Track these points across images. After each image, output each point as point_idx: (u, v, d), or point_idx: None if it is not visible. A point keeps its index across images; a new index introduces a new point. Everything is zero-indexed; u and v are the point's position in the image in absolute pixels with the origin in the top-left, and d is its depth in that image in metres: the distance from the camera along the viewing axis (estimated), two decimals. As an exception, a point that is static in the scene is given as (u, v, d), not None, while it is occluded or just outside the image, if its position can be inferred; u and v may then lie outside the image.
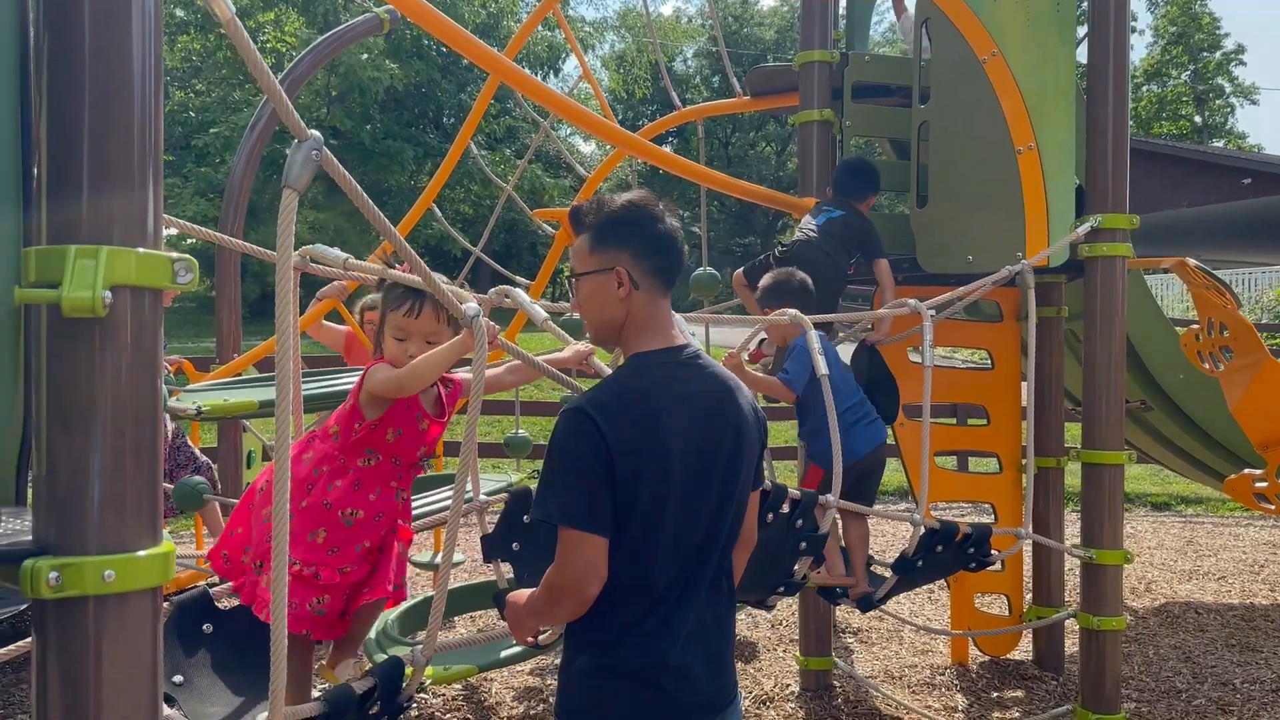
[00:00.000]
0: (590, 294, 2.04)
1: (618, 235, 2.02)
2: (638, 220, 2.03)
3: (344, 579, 2.29)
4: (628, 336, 2.04)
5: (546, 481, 1.91)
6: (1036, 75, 4.10)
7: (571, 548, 1.85)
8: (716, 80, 39.47)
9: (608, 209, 2.04)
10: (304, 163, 1.64)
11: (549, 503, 1.88)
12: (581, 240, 2.07)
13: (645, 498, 1.88)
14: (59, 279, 1.30)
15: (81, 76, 1.34)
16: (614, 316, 2.02)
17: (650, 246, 2.03)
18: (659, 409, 1.91)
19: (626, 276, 2.00)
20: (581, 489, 1.85)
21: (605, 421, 1.87)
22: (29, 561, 1.31)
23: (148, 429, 1.40)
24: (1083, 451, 4.09)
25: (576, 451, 1.87)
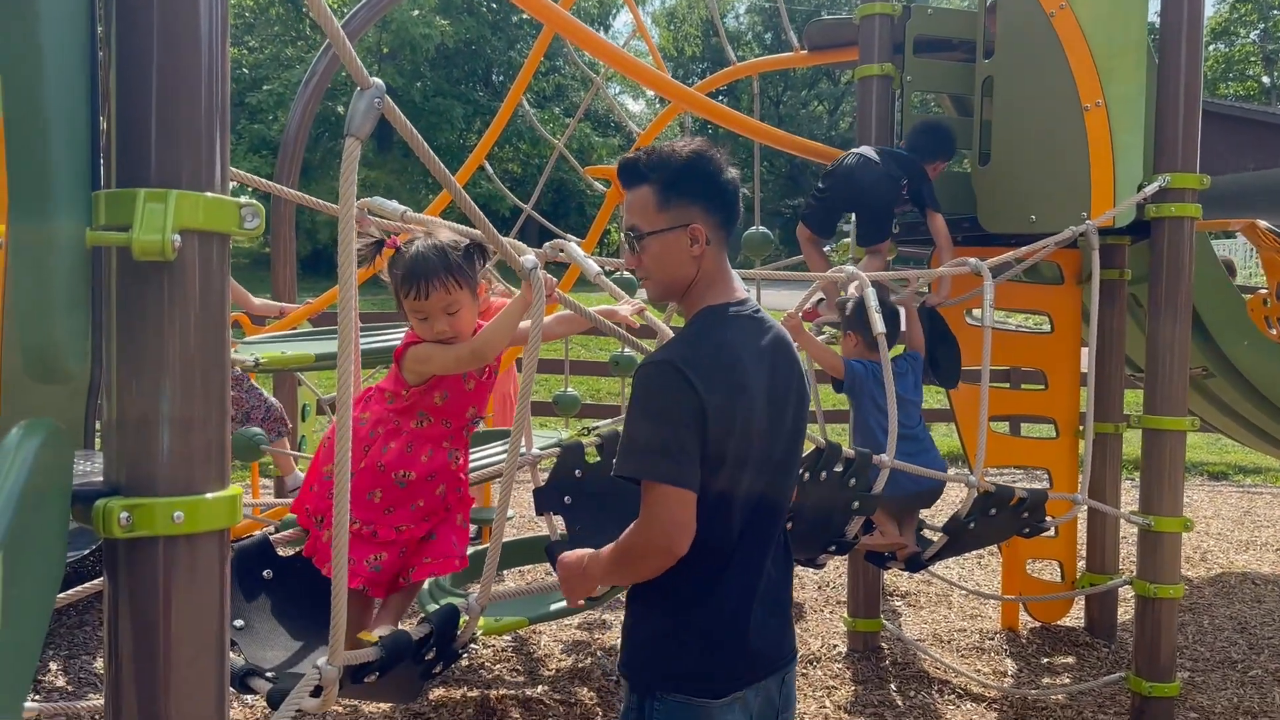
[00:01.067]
0: (661, 253, 1.94)
1: (689, 189, 1.92)
2: (707, 172, 1.94)
3: (400, 536, 2.31)
4: (695, 292, 1.97)
5: (632, 437, 1.84)
6: (1106, 29, 3.97)
7: (662, 504, 1.79)
8: (769, 37, 38.92)
9: (674, 161, 1.93)
10: (366, 111, 1.63)
11: (637, 459, 1.82)
12: (645, 194, 1.95)
13: (730, 454, 1.84)
14: (129, 222, 1.30)
15: (150, 24, 1.34)
16: (685, 275, 1.95)
17: (718, 200, 1.95)
18: (743, 364, 1.87)
19: (702, 234, 1.93)
20: (673, 444, 1.79)
21: (697, 377, 1.80)
22: (101, 501, 1.32)
23: (215, 373, 1.41)
24: (1145, 417, 4.01)
25: (669, 406, 1.81)
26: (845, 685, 4.30)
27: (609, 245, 12.05)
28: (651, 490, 1.80)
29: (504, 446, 4.82)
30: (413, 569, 2.37)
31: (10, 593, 1.08)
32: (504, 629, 3.88)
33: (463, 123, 26.35)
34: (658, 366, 1.84)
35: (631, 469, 1.82)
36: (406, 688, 2.52)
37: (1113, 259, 4.71)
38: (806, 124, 37.61)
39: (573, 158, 6.65)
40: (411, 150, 1.82)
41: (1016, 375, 8.40)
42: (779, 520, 1.96)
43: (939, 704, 4.16)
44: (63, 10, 1.30)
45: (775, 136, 4.59)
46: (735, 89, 28.17)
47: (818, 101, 38.86)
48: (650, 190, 1.93)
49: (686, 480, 1.79)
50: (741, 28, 40.11)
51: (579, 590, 2.05)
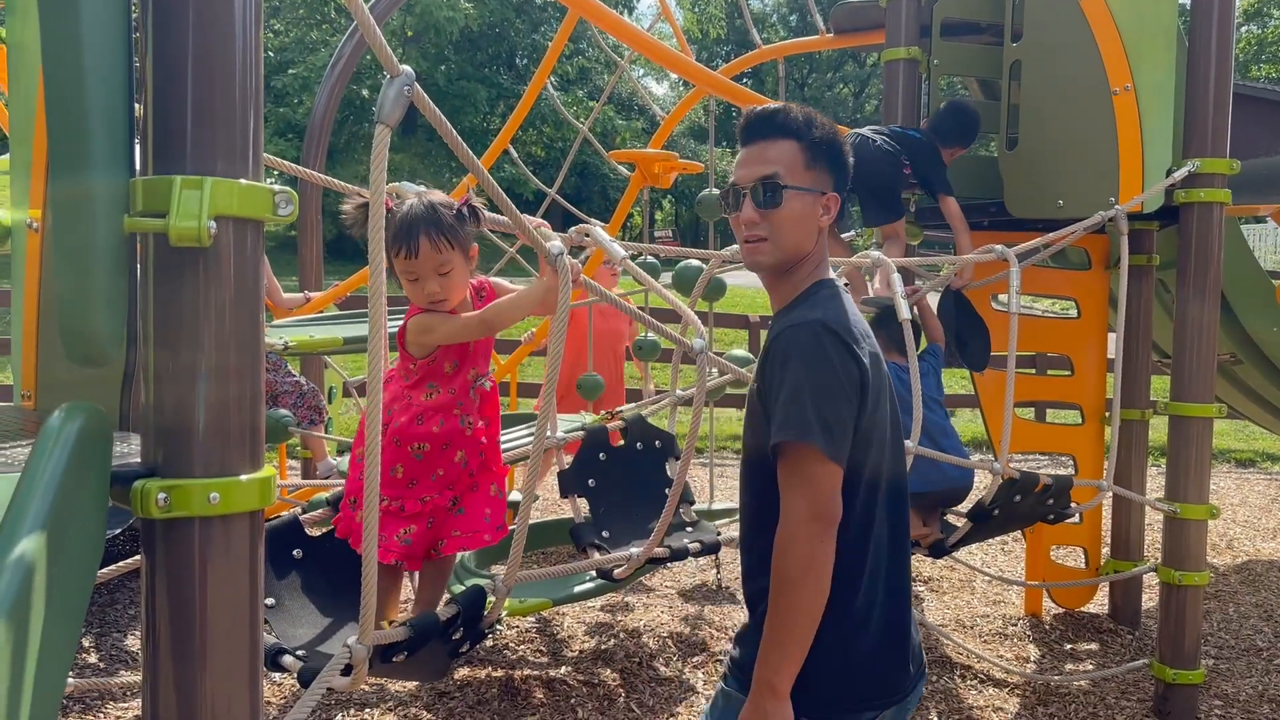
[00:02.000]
0: (800, 212, 1.83)
1: (832, 159, 1.86)
2: (844, 149, 1.89)
3: (426, 507, 2.33)
4: (807, 268, 1.88)
5: (799, 402, 1.67)
6: (1135, 12, 3.93)
7: (811, 473, 1.66)
8: (794, 19, 38.67)
9: (826, 127, 1.87)
10: (396, 98, 1.65)
11: (808, 424, 1.65)
12: (791, 149, 1.84)
13: (878, 428, 1.77)
14: (165, 209, 1.33)
15: (185, 12, 1.36)
16: (807, 244, 1.86)
17: (845, 179, 1.91)
18: (872, 335, 1.83)
19: (835, 205, 1.87)
20: (839, 414, 1.67)
21: (856, 346, 1.72)
22: (139, 482, 1.35)
23: (250, 356, 1.43)
24: (1171, 404, 3.99)
25: (832, 370, 1.68)
26: (867, 669, 4.31)
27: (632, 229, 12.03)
28: (815, 460, 1.65)
29: (528, 430, 4.86)
30: (443, 541, 2.39)
31: (53, 570, 1.11)
32: (528, 610, 3.92)
33: (486, 106, 26.38)
34: (821, 329, 1.71)
35: (798, 433, 1.65)
36: (435, 666, 2.56)
37: (1141, 244, 4.67)
38: (832, 107, 37.40)
39: (597, 141, 6.65)
40: (435, 134, 1.83)
41: (1042, 360, 8.37)
42: (907, 505, 1.88)
43: (961, 689, 4.16)
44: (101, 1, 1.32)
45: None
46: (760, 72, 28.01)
47: (843, 84, 38.62)
48: (798, 147, 1.85)
49: (841, 458, 1.68)
50: (766, 10, 39.87)
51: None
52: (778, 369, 1.73)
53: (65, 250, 1.29)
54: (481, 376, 2.44)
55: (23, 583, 1.01)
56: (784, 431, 1.67)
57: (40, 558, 1.06)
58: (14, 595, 1.00)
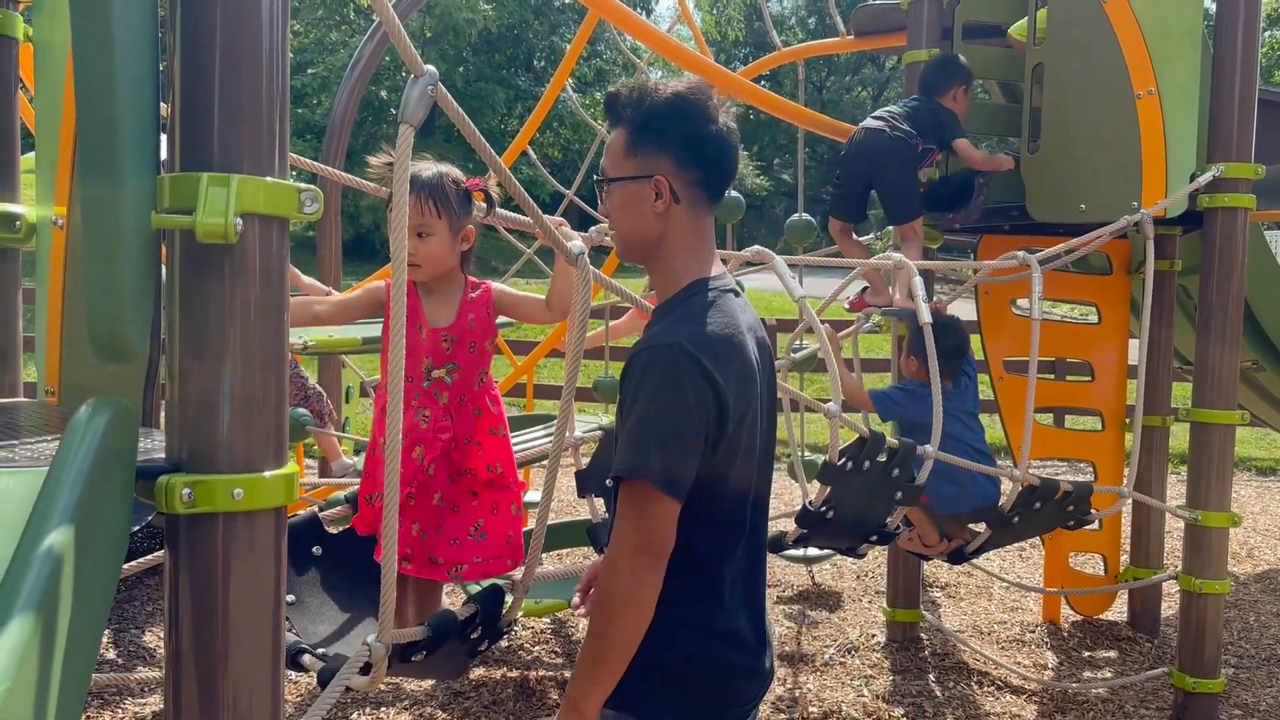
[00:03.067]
0: (623, 203, 1.75)
1: (659, 135, 1.71)
2: (685, 117, 1.71)
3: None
4: (672, 258, 1.76)
5: (640, 435, 1.61)
6: (1160, 15, 3.90)
7: (646, 509, 1.61)
8: (813, 22, 38.61)
9: (650, 101, 1.72)
10: (420, 98, 1.65)
11: (646, 459, 1.59)
12: (617, 136, 1.75)
13: (743, 446, 1.70)
14: (192, 205, 1.33)
15: (213, 10, 1.36)
16: (649, 234, 1.75)
17: (697, 152, 1.72)
18: (747, 346, 1.71)
19: (667, 188, 1.71)
20: (683, 447, 1.61)
21: (713, 364, 1.62)
22: (164, 478, 1.36)
23: (274, 354, 1.44)
24: (1193, 410, 3.95)
25: (682, 401, 1.60)
26: (884, 675, 4.29)
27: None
28: (649, 495, 1.61)
29: (545, 430, 4.86)
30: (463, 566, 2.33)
31: (81, 563, 1.11)
32: (544, 611, 3.92)
33: (504, 107, 26.44)
34: (669, 350, 1.62)
35: (632, 469, 1.61)
36: (453, 665, 2.57)
37: (1163, 250, 4.64)
38: (850, 109, 37.28)
39: (616, 143, 6.65)
40: (454, 135, 1.83)
41: (1061, 366, 8.32)
42: (768, 513, 1.86)
43: (978, 695, 4.14)
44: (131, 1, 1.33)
45: (819, 122, 4.58)
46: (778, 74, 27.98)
47: (861, 87, 38.53)
48: (621, 133, 1.75)
49: (683, 493, 1.62)
50: (785, 12, 39.82)
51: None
52: (631, 390, 1.67)
53: (94, 246, 1.30)
54: (438, 368, 2.37)
55: (51, 575, 1.02)
56: (623, 466, 1.63)
57: (68, 551, 1.06)
58: (43, 588, 1.00)
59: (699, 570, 1.71)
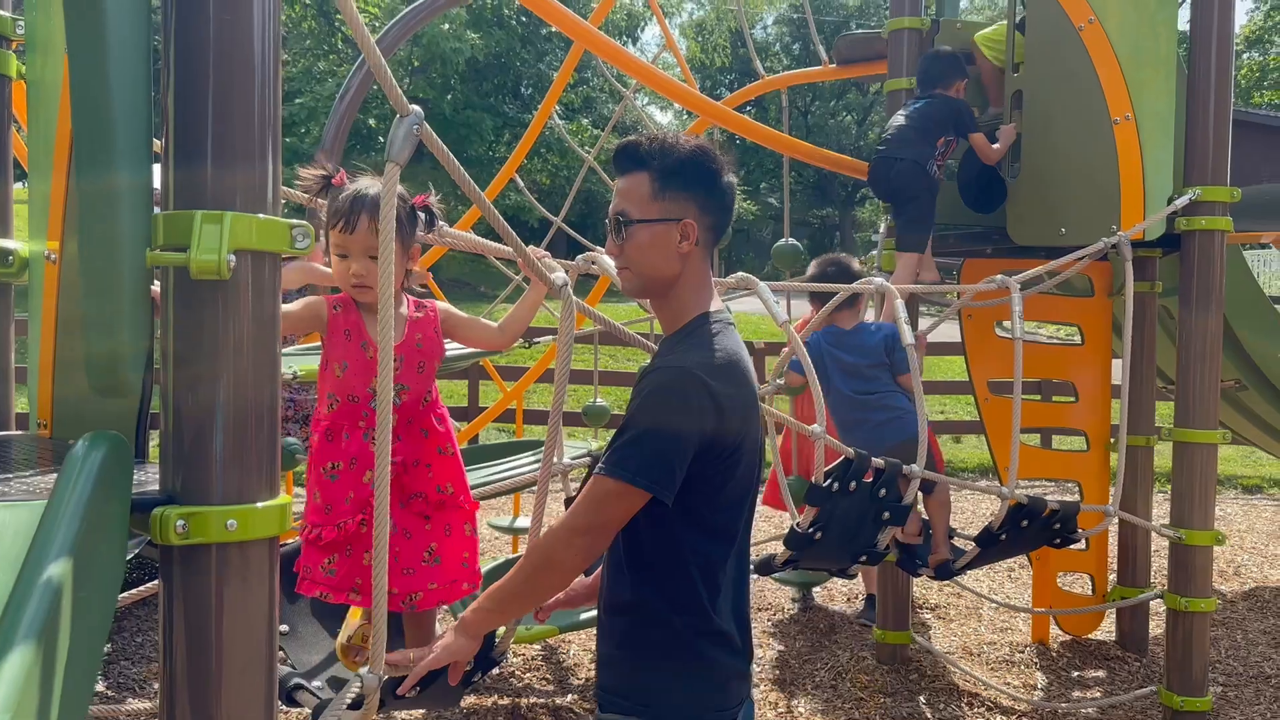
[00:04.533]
0: (649, 243, 1.87)
1: (687, 182, 1.87)
2: (708, 170, 1.89)
3: (342, 534, 2.20)
4: (683, 295, 1.91)
5: (632, 439, 1.77)
6: (1135, 43, 3.98)
7: (615, 503, 1.76)
8: (797, 48, 38.95)
9: (677, 151, 1.88)
10: (405, 137, 1.69)
11: (629, 461, 1.75)
12: (642, 180, 1.88)
13: (744, 464, 1.84)
14: (186, 243, 1.36)
15: (206, 50, 1.40)
16: (669, 272, 1.88)
17: (716, 200, 1.91)
18: (751, 374, 1.88)
19: (694, 230, 1.87)
20: (672, 456, 1.74)
21: (719, 385, 1.77)
22: (158, 510, 1.38)
23: (267, 386, 1.46)
24: (1176, 430, 4.00)
25: (681, 417, 1.75)
26: (874, 697, 4.30)
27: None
28: (617, 487, 1.75)
29: (535, 456, 4.88)
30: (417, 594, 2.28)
31: (79, 595, 1.14)
32: (534, 637, 3.93)
33: (492, 134, 26.55)
34: (681, 372, 1.78)
35: (615, 468, 1.75)
36: (445, 696, 2.57)
37: (1143, 271, 4.70)
38: (835, 134, 37.57)
39: (602, 170, 6.71)
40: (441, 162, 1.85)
41: (1047, 386, 8.38)
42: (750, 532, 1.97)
43: (968, 717, 4.16)
44: (127, 40, 1.36)
45: (802, 150, 4.63)
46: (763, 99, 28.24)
47: (846, 112, 38.83)
48: (647, 177, 1.88)
49: (663, 490, 1.75)
50: (769, 39, 40.18)
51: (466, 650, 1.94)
52: (637, 403, 1.81)
53: (92, 283, 1.32)
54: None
55: (50, 608, 1.04)
56: (608, 465, 1.77)
57: (67, 584, 1.08)
58: (43, 620, 1.02)
59: (700, 576, 1.84)
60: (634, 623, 1.87)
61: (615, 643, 1.90)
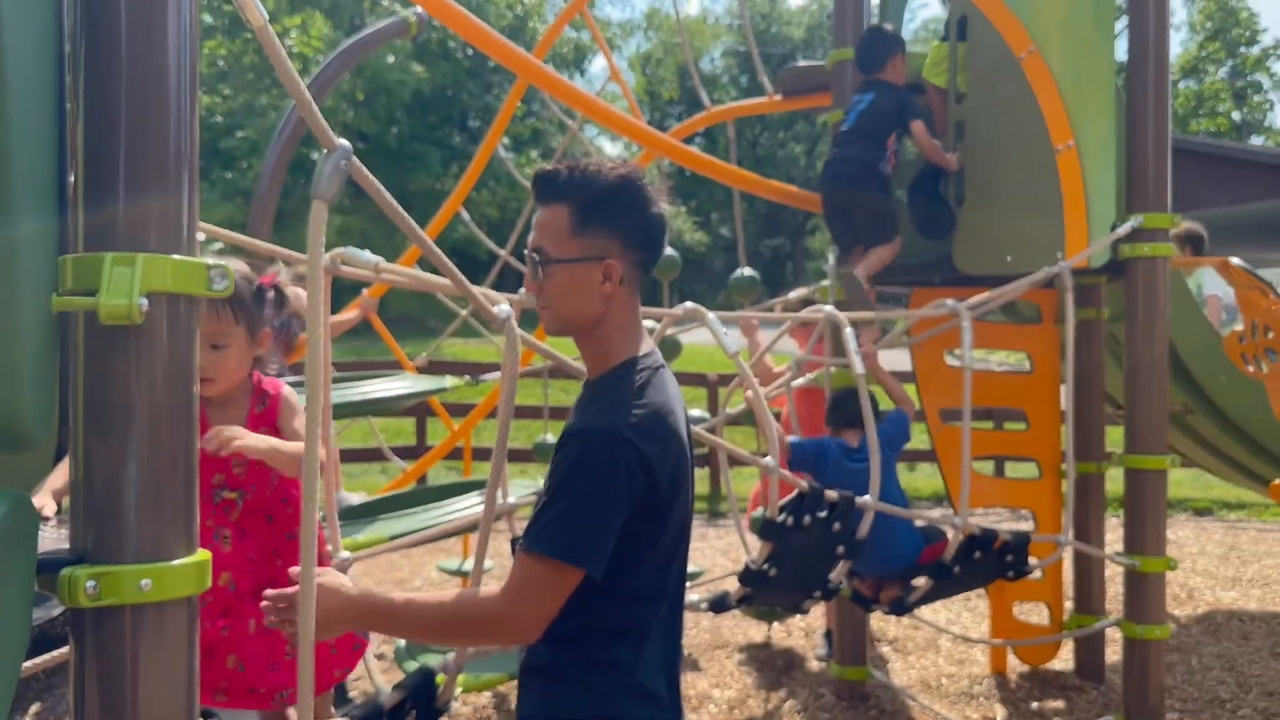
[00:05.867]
0: (568, 284, 1.72)
1: (610, 217, 1.72)
2: (634, 201, 1.74)
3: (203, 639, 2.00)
4: (608, 337, 1.77)
5: (562, 512, 1.62)
6: (1075, 72, 4.03)
7: (554, 585, 1.63)
8: (745, 80, 39.42)
9: (599, 182, 1.72)
10: (333, 172, 1.61)
11: (559, 536, 1.62)
12: (560, 213, 1.73)
13: (673, 526, 1.74)
14: (96, 286, 1.28)
15: (118, 83, 1.32)
16: (589, 313, 1.74)
17: (642, 235, 1.75)
18: (680, 425, 1.76)
19: (617, 271, 1.73)
20: (604, 529, 1.63)
21: (649, 448, 1.65)
22: (67, 570, 1.29)
23: (184, 435, 1.38)
24: (1125, 456, 4.02)
25: (612, 488, 1.63)
26: (833, 733, 4.24)
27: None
28: (550, 568, 1.62)
29: (480, 496, 4.77)
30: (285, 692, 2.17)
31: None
32: (484, 686, 3.81)
33: (439, 167, 26.47)
34: (608, 438, 1.64)
35: (544, 545, 1.61)
36: None
37: (1089, 298, 4.74)
38: (784, 165, 37.99)
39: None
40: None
41: (1000, 414, 8.44)
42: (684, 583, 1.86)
43: (928, 750, 4.10)
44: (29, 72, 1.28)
45: (751, 182, 4.62)
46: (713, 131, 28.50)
47: (794, 142, 39.30)
48: (566, 211, 1.73)
49: (594, 566, 1.63)
50: (717, 70, 40.61)
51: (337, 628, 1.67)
52: (564, 469, 1.66)
53: (-11, 331, 1.23)
54: (226, 488, 2.19)
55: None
56: (538, 542, 1.63)
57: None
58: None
59: (621, 636, 1.73)
60: (550, 683, 1.74)
61: (533, 702, 1.77)
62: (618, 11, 47.13)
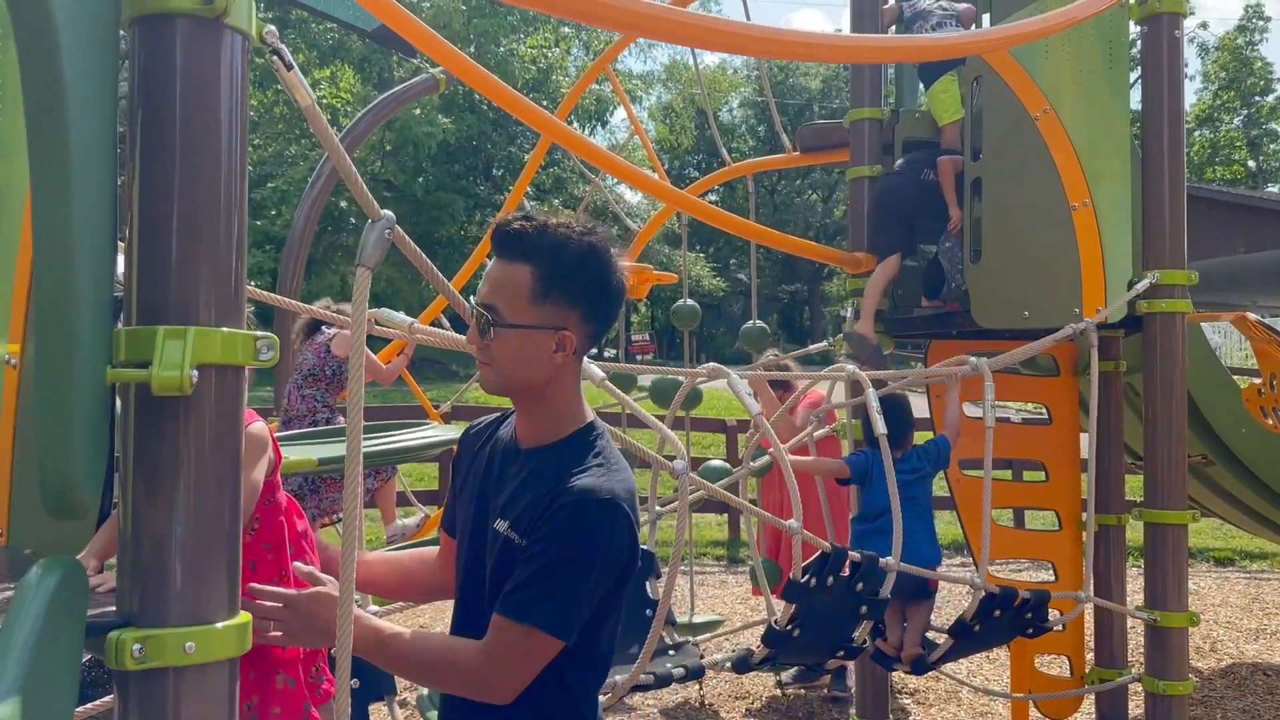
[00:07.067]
0: (518, 349, 1.67)
1: (573, 288, 1.67)
2: (599, 269, 1.69)
3: None
4: (554, 402, 1.74)
5: (556, 584, 1.61)
6: (1090, 131, 4.09)
7: (538, 657, 1.63)
8: (762, 129, 39.74)
9: (567, 249, 1.66)
10: (378, 242, 1.69)
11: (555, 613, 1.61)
12: (522, 274, 1.66)
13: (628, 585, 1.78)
14: (148, 358, 1.35)
15: (171, 168, 1.40)
16: (536, 379, 1.70)
17: (604, 308, 1.72)
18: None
19: (571, 343, 1.69)
20: (588, 600, 1.64)
21: (634, 516, 1.68)
22: (114, 634, 1.34)
23: (229, 501, 1.43)
24: (1145, 511, 4.02)
25: (604, 558, 1.64)
26: (855, 788, 4.21)
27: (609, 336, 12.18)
28: (537, 640, 1.62)
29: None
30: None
31: (27, 734, 1.09)
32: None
33: (464, 215, 26.78)
34: (609, 508, 1.64)
35: (543, 620, 1.60)
36: None
37: (1107, 351, 4.76)
38: (801, 212, 38.20)
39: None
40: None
41: (1018, 463, 8.41)
42: None
43: (951, 807, 4.07)
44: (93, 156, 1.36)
45: (770, 237, 4.68)
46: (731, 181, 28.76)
47: (811, 190, 39.52)
48: (528, 274, 1.66)
49: (568, 637, 1.63)
50: (735, 121, 41.02)
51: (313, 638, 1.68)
52: (558, 537, 1.63)
53: (47, 403, 1.30)
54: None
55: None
56: (527, 612, 1.62)
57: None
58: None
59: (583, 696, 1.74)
60: None
61: None
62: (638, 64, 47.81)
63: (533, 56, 29.08)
